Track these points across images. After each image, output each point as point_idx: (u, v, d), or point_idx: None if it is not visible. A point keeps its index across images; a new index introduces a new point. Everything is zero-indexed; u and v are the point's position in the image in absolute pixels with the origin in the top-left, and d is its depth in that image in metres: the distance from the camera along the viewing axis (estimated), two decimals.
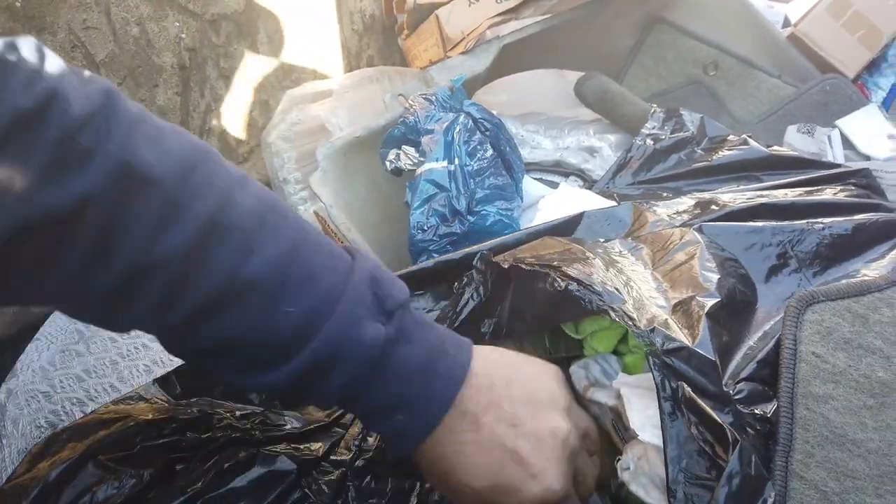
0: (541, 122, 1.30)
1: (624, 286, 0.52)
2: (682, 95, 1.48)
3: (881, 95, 1.52)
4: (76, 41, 0.91)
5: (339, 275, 0.41)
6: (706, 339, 0.43)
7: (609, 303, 0.48)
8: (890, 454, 0.41)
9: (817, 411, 0.41)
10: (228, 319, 0.38)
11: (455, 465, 0.42)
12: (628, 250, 0.60)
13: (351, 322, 0.40)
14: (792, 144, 1.30)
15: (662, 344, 0.43)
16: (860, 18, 1.46)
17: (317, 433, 0.59)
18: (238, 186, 0.39)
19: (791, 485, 0.39)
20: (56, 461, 0.54)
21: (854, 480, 0.40)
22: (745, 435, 0.40)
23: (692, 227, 0.61)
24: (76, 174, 0.33)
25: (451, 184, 1.00)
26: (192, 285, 0.37)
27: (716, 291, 0.48)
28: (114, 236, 0.35)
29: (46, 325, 0.84)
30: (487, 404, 0.42)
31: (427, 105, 1.13)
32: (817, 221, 0.62)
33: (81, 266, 0.35)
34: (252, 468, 0.54)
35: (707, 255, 0.54)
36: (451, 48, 1.46)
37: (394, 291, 0.42)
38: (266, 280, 0.38)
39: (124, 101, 0.38)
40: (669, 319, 0.45)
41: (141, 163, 0.35)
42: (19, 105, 0.32)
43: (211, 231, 0.37)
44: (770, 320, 0.52)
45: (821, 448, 0.40)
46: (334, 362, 0.40)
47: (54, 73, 0.35)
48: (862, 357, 0.43)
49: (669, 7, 1.53)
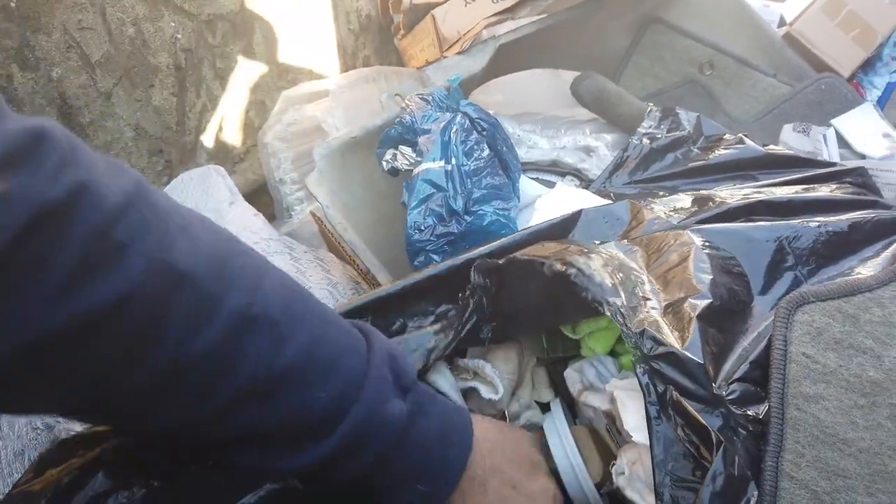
0: (537, 122, 1.30)
1: (620, 284, 0.52)
2: (678, 95, 1.48)
3: (876, 94, 1.53)
4: (71, 42, 0.91)
5: (359, 354, 0.42)
6: (696, 342, 0.43)
7: (603, 295, 0.48)
8: (881, 453, 0.41)
9: (808, 411, 0.41)
10: (262, 409, 0.38)
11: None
12: (623, 253, 0.60)
13: (378, 402, 0.41)
14: (788, 143, 1.30)
15: (650, 349, 0.43)
16: (855, 18, 1.46)
17: None
18: (264, 273, 0.39)
19: (781, 485, 0.39)
20: (66, 469, 0.54)
21: (845, 480, 0.40)
22: (736, 436, 0.40)
23: (687, 228, 0.62)
24: (113, 271, 0.32)
25: (448, 183, 1.00)
26: (227, 377, 0.37)
27: (708, 293, 0.48)
28: (152, 333, 0.34)
29: None
30: (492, 469, 0.45)
31: (423, 105, 1.13)
32: (813, 219, 0.62)
33: (118, 365, 0.34)
34: (263, 484, 0.54)
35: (701, 255, 0.54)
36: (448, 48, 1.46)
37: (408, 366, 0.44)
38: (298, 366, 0.38)
39: (154, 193, 0.37)
40: (660, 320, 0.45)
41: (177, 259, 0.34)
42: (47, 197, 0.30)
43: (246, 323, 0.37)
44: (764, 321, 0.52)
45: (811, 448, 0.40)
46: (364, 443, 0.40)
47: (83, 162, 0.33)
48: (853, 357, 0.43)
49: (665, 6, 1.53)
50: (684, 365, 0.41)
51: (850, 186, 0.80)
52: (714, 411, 0.40)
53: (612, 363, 0.65)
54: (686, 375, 0.41)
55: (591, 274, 0.50)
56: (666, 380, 0.41)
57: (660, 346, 0.42)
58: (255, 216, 1.01)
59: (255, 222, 0.99)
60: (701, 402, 0.40)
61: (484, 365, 0.65)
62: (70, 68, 0.91)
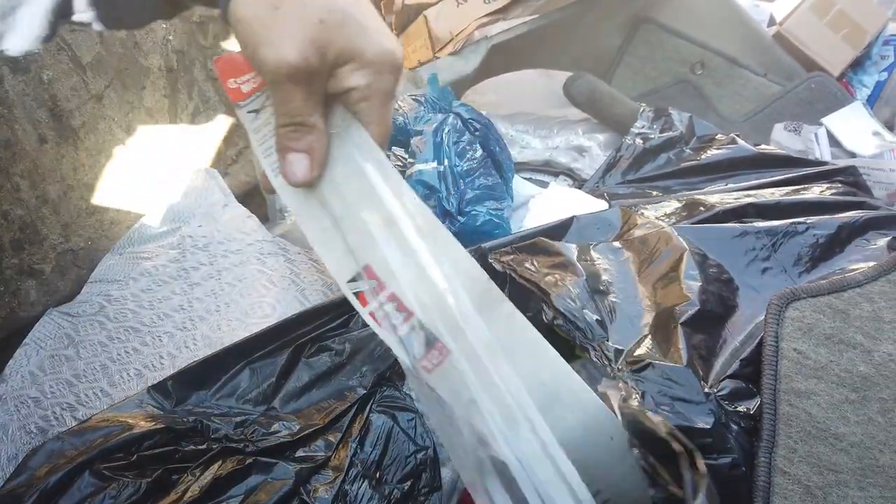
0: (530, 122, 1.30)
1: (609, 312, 0.53)
2: (670, 94, 1.49)
3: (866, 93, 1.54)
4: (62, 43, 0.91)
5: None
6: (683, 355, 0.44)
7: (591, 340, 0.49)
8: (872, 447, 0.42)
9: (800, 407, 0.41)
10: None
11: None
12: (615, 258, 0.61)
13: None
14: (779, 142, 1.31)
15: (628, 396, 0.43)
16: (844, 17, 1.47)
17: (313, 437, 0.59)
18: None
19: (775, 480, 0.39)
20: (52, 469, 0.54)
21: (837, 474, 0.40)
22: (729, 431, 0.41)
23: (678, 233, 0.62)
24: None
25: (441, 184, 1.00)
26: None
27: (696, 300, 0.49)
28: None
29: (35, 330, 0.84)
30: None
31: (416, 106, 1.13)
32: (802, 221, 0.63)
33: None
34: (249, 476, 0.54)
35: (691, 262, 0.55)
36: (440, 49, 1.46)
37: None
38: None
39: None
40: (648, 342, 0.46)
41: None
42: None
43: None
44: (755, 319, 0.53)
45: (804, 443, 0.41)
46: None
47: None
48: (843, 352, 0.43)
49: (656, 7, 1.54)
50: (669, 392, 0.41)
51: (842, 185, 0.81)
52: (706, 408, 0.41)
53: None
54: (673, 384, 0.41)
55: (577, 319, 0.51)
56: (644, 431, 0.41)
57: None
58: (248, 218, 1.00)
59: (249, 224, 0.99)
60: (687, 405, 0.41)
61: None
62: (61, 70, 0.90)
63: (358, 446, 0.58)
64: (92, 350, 0.79)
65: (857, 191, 0.82)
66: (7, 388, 0.77)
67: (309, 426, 0.60)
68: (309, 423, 0.61)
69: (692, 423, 0.41)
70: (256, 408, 0.65)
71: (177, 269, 0.88)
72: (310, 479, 0.56)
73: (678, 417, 0.41)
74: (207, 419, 0.60)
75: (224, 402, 0.65)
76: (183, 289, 0.86)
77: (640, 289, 0.55)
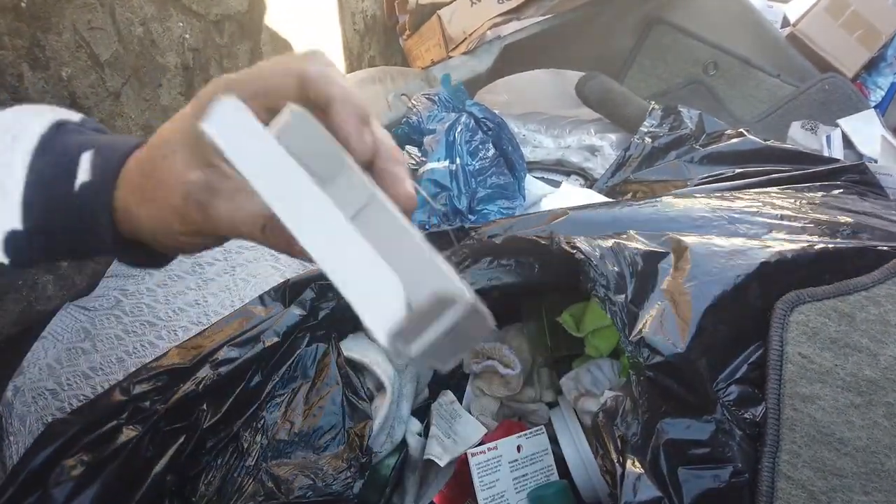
0: (542, 122, 1.31)
1: (631, 276, 0.52)
2: (683, 95, 1.49)
3: (880, 94, 1.53)
4: (81, 41, 0.92)
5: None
6: (693, 345, 0.44)
7: (606, 294, 0.49)
8: (877, 452, 0.42)
9: (804, 411, 0.42)
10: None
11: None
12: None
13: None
14: (796, 140, 1.31)
15: (647, 357, 0.43)
16: (858, 18, 1.46)
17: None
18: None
19: (778, 485, 0.40)
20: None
21: (841, 479, 0.41)
22: (732, 439, 0.41)
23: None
24: None
25: (453, 183, 1.01)
26: None
27: (711, 296, 0.49)
28: None
29: (53, 323, 0.85)
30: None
31: (430, 105, 1.14)
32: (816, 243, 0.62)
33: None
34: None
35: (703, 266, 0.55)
36: (453, 48, 1.46)
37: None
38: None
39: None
40: (661, 324, 0.46)
41: None
42: None
43: None
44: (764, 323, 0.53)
45: (808, 448, 0.41)
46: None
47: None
48: (849, 356, 0.44)
49: (669, 7, 1.54)
50: (680, 373, 0.42)
51: (851, 185, 0.80)
52: (705, 417, 0.41)
53: (609, 367, 0.65)
54: (680, 384, 0.42)
55: (597, 264, 0.51)
56: (658, 388, 0.42)
57: (656, 356, 0.43)
58: None
59: None
60: (696, 409, 0.41)
61: (501, 346, 0.70)
62: (80, 68, 0.92)
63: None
64: (108, 343, 0.81)
65: (865, 189, 0.81)
66: (25, 380, 0.78)
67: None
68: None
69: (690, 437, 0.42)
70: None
71: (191, 264, 0.90)
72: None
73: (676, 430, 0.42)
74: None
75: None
76: (198, 284, 0.87)
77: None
